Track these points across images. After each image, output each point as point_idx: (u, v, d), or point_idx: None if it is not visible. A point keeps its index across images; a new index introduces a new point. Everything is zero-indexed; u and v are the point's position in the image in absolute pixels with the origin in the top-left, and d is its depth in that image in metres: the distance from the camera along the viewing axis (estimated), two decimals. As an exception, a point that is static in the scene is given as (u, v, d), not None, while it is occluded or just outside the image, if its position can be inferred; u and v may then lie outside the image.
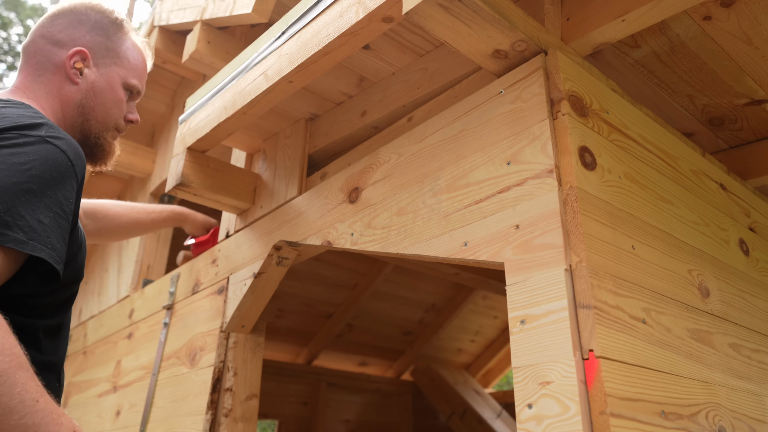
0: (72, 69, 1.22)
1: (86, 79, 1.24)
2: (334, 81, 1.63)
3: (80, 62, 1.23)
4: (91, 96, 1.24)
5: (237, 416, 1.70)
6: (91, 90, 1.24)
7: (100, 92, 1.26)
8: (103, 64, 1.27)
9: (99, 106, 1.26)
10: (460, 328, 4.34)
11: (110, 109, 1.28)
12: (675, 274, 1.13)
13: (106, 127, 1.28)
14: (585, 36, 1.18)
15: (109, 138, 1.30)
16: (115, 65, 1.28)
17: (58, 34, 1.23)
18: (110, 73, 1.27)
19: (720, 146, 1.74)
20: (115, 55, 1.28)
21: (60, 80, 1.22)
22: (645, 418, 0.89)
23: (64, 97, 1.22)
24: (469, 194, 1.14)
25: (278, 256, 1.66)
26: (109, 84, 1.27)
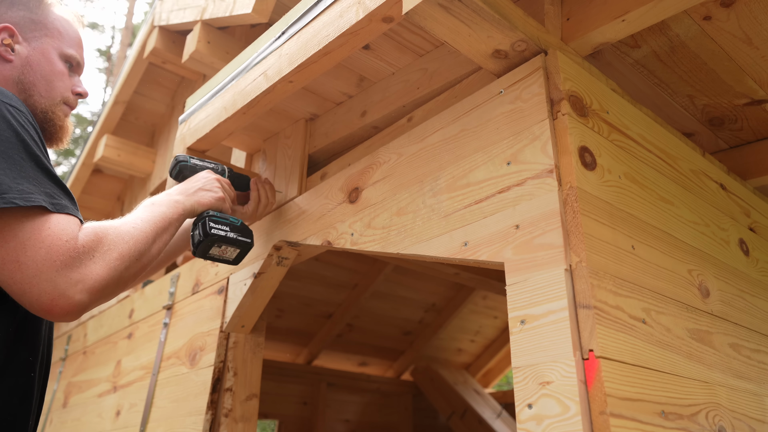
0: (2, 46, 1.18)
1: (19, 55, 1.20)
2: (334, 81, 1.63)
3: (8, 38, 1.19)
4: (29, 71, 1.20)
5: (237, 416, 1.70)
6: (27, 65, 1.20)
7: (37, 65, 1.21)
8: (33, 38, 1.22)
9: (39, 79, 1.21)
10: (460, 328, 4.34)
11: (52, 81, 1.23)
12: (675, 274, 1.13)
13: (53, 101, 1.25)
14: (585, 36, 1.18)
15: (60, 113, 1.27)
16: (46, 37, 1.24)
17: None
18: (43, 46, 1.23)
19: (720, 146, 1.74)
20: (43, 27, 1.24)
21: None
22: (645, 418, 0.89)
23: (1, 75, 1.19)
24: (469, 194, 1.14)
25: (278, 256, 1.66)
26: (44, 56, 1.22)
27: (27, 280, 0.88)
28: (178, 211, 1.25)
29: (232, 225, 1.40)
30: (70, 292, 0.89)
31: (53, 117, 1.24)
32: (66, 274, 0.89)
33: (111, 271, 0.96)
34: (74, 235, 0.92)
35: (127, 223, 1.08)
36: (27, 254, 0.88)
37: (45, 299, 0.88)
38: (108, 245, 0.98)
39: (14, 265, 0.88)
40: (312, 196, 1.60)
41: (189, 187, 1.37)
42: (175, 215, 1.23)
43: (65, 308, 0.89)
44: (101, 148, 3.30)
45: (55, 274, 0.88)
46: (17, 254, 0.88)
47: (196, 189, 1.37)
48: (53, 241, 0.89)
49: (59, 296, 0.88)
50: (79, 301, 0.90)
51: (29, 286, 0.87)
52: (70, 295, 0.89)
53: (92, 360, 2.67)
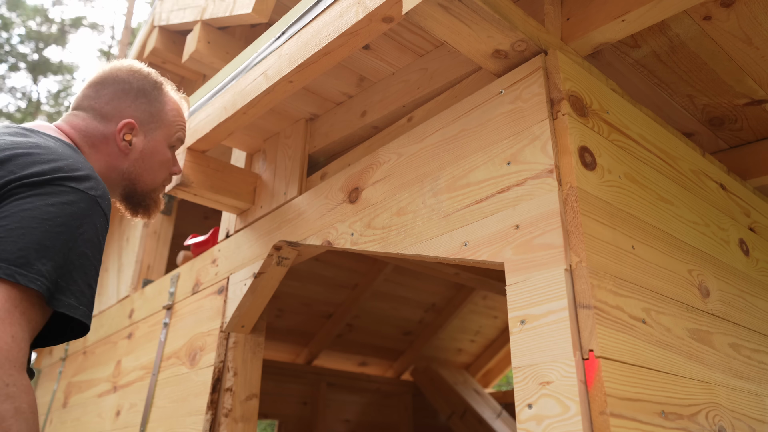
0: (122, 142, 1.23)
1: (135, 149, 1.25)
2: (334, 81, 1.63)
3: (129, 134, 1.24)
4: (140, 163, 1.26)
5: (237, 416, 1.70)
6: (140, 158, 1.26)
7: (149, 158, 1.27)
8: (148, 130, 1.27)
9: (147, 171, 1.27)
10: (460, 328, 4.34)
11: (157, 171, 1.29)
12: (675, 274, 1.13)
13: (153, 188, 1.31)
14: (585, 36, 1.18)
15: (157, 194, 1.33)
16: (159, 129, 1.29)
17: (105, 107, 1.24)
18: (156, 138, 1.28)
19: (720, 146, 1.74)
20: (159, 119, 1.29)
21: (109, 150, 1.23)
22: (645, 418, 0.89)
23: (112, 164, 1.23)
24: (469, 194, 1.14)
25: (278, 256, 1.66)
26: (155, 148, 1.28)
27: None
28: None
29: None
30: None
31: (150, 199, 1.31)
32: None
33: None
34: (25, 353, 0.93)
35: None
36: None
37: None
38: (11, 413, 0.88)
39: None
40: (312, 196, 1.60)
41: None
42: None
43: None
44: (101, 148, 3.29)
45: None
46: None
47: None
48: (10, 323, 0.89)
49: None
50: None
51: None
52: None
53: (92, 360, 2.67)
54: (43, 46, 17.22)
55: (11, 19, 16.31)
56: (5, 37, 16.29)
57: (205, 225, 3.61)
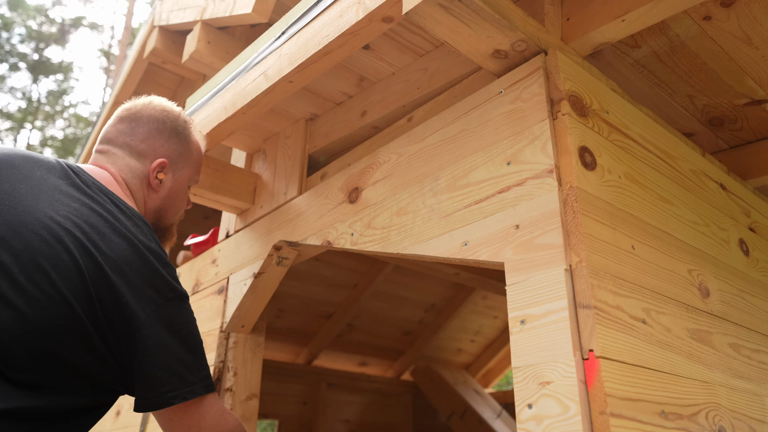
0: (155, 180, 1.26)
1: (164, 186, 1.28)
2: (334, 81, 1.63)
3: (162, 173, 1.28)
4: (168, 200, 1.30)
5: (237, 416, 1.70)
6: (168, 195, 1.29)
7: (175, 195, 1.31)
8: (177, 169, 1.31)
9: (172, 207, 1.31)
10: (460, 328, 4.34)
11: (180, 207, 1.34)
12: (675, 274, 1.13)
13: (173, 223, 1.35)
14: (585, 36, 1.18)
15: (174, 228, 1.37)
16: (186, 168, 1.33)
17: (140, 145, 1.26)
18: (182, 177, 1.32)
19: (720, 146, 1.74)
20: (186, 159, 1.33)
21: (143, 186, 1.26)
22: (645, 418, 0.89)
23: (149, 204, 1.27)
24: (469, 194, 1.14)
25: (278, 256, 1.66)
26: (181, 187, 1.32)
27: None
28: None
29: None
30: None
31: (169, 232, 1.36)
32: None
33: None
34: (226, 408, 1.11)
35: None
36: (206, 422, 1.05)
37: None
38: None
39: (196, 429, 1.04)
40: (312, 196, 1.60)
41: None
42: None
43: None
44: (101, 148, 3.29)
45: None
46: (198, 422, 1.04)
47: None
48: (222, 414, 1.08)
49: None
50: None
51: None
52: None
53: (92, 360, 2.67)
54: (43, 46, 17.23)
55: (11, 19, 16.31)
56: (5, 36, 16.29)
57: (205, 225, 3.61)
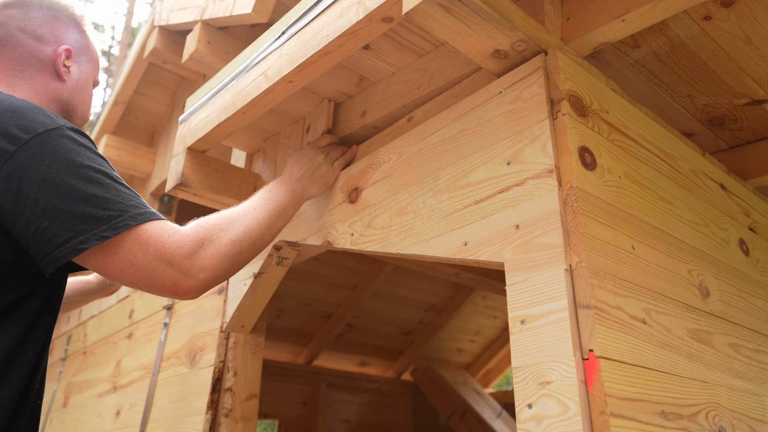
0: (63, 67, 1.20)
1: (72, 77, 1.23)
2: (334, 81, 1.63)
3: (69, 60, 1.22)
4: (76, 93, 1.24)
5: (237, 416, 1.70)
6: (76, 87, 1.24)
7: (83, 89, 1.26)
8: (82, 61, 1.26)
9: (80, 102, 1.26)
10: (460, 328, 4.34)
11: (87, 106, 1.29)
12: (675, 274, 1.13)
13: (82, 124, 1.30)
14: (585, 36, 1.18)
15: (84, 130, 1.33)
16: (89, 62, 1.28)
17: (38, 29, 1.20)
18: (87, 71, 1.27)
19: (720, 146, 1.74)
20: (88, 52, 1.28)
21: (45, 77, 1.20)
22: (645, 418, 0.89)
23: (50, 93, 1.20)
24: (469, 194, 1.14)
25: (278, 256, 1.66)
26: (86, 81, 1.27)
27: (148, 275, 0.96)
28: (294, 200, 1.35)
29: None
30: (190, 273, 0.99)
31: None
32: (180, 260, 0.98)
33: (222, 256, 1.04)
34: (175, 230, 1.00)
35: (238, 210, 1.18)
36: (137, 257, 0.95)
37: (169, 284, 0.97)
38: (216, 233, 1.06)
39: (132, 268, 0.95)
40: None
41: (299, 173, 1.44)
42: (291, 204, 1.34)
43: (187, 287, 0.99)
44: (101, 149, 3.30)
45: (170, 264, 0.97)
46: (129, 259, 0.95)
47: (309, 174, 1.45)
48: (157, 240, 0.97)
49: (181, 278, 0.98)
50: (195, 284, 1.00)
51: (152, 279, 0.96)
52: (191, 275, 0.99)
53: (92, 360, 2.67)
54: (43, 46, 17.20)
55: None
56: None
57: (205, 225, 3.60)
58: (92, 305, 3.01)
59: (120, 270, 0.95)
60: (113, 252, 0.94)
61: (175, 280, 0.97)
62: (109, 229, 0.93)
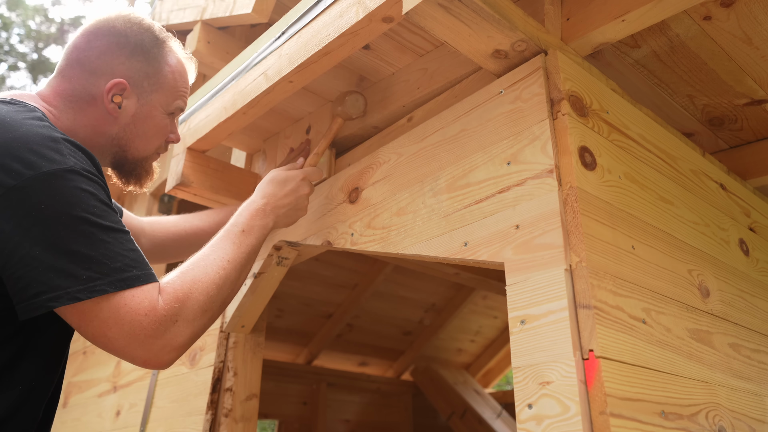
0: (111, 104, 1.12)
1: (125, 112, 1.14)
2: (334, 81, 1.63)
3: (119, 95, 1.13)
4: (131, 128, 1.16)
5: (237, 416, 1.70)
6: (131, 123, 1.16)
7: (141, 123, 1.17)
8: (143, 93, 1.17)
9: (138, 137, 1.18)
10: (460, 328, 4.34)
11: (151, 138, 1.20)
12: (675, 274, 1.13)
13: (145, 156, 1.22)
14: (585, 36, 1.18)
15: (150, 162, 1.24)
16: (156, 92, 1.18)
17: (95, 61, 1.12)
18: (151, 102, 1.18)
19: (720, 146, 1.74)
20: (156, 81, 1.18)
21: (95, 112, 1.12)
22: (645, 418, 0.89)
23: (99, 129, 1.13)
24: (469, 194, 1.14)
25: (278, 256, 1.66)
26: (149, 113, 1.18)
27: (120, 350, 0.94)
28: (264, 236, 1.24)
29: None
30: (159, 355, 0.96)
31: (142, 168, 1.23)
32: (152, 343, 0.94)
33: (195, 328, 1.01)
34: (153, 305, 0.95)
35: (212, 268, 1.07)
36: (112, 331, 0.92)
37: (139, 361, 0.96)
38: (191, 306, 1.00)
39: (105, 339, 0.93)
40: (312, 196, 1.60)
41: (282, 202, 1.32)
42: (261, 243, 1.23)
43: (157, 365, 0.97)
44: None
45: (142, 345, 0.94)
46: (104, 331, 0.92)
47: (288, 208, 1.34)
48: (133, 318, 0.92)
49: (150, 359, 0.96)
50: (169, 360, 0.98)
51: (123, 354, 0.95)
52: (160, 356, 0.96)
53: (92, 360, 2.67)
54: (43, 46, 17.22)
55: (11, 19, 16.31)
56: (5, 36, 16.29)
57: (205, 225, 3.60)
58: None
59: (92, 336, 0.93)
60: (88, 316, 0.91)
61: (145, 359, 0.95)
62: (84, 291, 0.89)
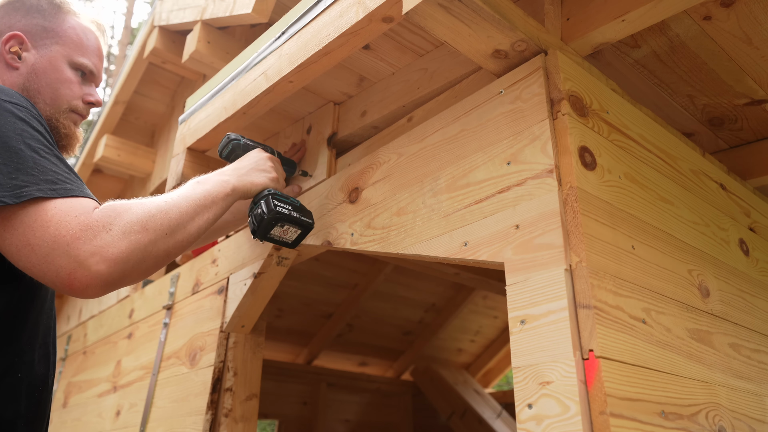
0: (8, 54, 1.18)
1: (25, 63, 1.19)
2: (334, 81, 1.63)
3: (16, 46, 1.19)
4: (34, 78, 1.19)
5: (237, 416, 1.70)
6: (33, 72, 1.19)
7: (43, 73, 1.20)
8: (42, 45, 1.21)
9: (45, 87, 1.20)
10: (460, 328, 4.34)
11: (58, 89, 1.22)
12: (675, 274, 1.13)
13: (58, 109, 1.23)
14: (585, 36, 1.18)
15: (66, 121, 1.24)
16: (56, 44, 1.22)
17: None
18: (51, 53, 1.22)
19: (720, 146, 1.74)
20: (55, 35, 1.23)
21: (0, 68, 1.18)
22: (645, 418, 0.89)
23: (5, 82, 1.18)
24: (469, 194, 1.14)
25: (278, 256, 1.66)
26: (51, 64, 1.21)
27: (42, 260, 0.88)
28: (225, 190, 1.22)
29: (293, 205, 1.36)
30: (87, 264, 0.88)
31: (57, 125, 1.22)
32: (79, 246, 0.88)
33: (132, 243, 0.93)
34: (86, 211, 0.92)
35: (159, 198, 1.06)
36: (36, 236, 0.88)
37: (63, 274, 0.87)
38: (128, 218, 0.95)
39: (27, 249, 0.88)
40: (312, 196, 1.60)
41: (241, 166, 1.35)
42: (221, 194, 1.20)
43: (85, 281, 0.88)
44: (101, 149, 3.30)
45: (67, 248, 0.87)
46: (27, 238, 0.88)
47: (249, 169, 1.35)
48: (61, 219, 0.89)
49: (76, 269, 0.87)
50: (98, 272, 0.89)
51: (46, 265, 0.88)
52: (87, 266, 0.88)
53: (92, 360, 2.67)
54: (43, 46, 17.20)
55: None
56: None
57: (205, 225, 3.60)
58: (92, 305, 3.01)
59: (16, 248, 0.88)
60: (13, 224, 0.88)
61: (69, 270, 0.87)
62: (10, 196, 0.87)
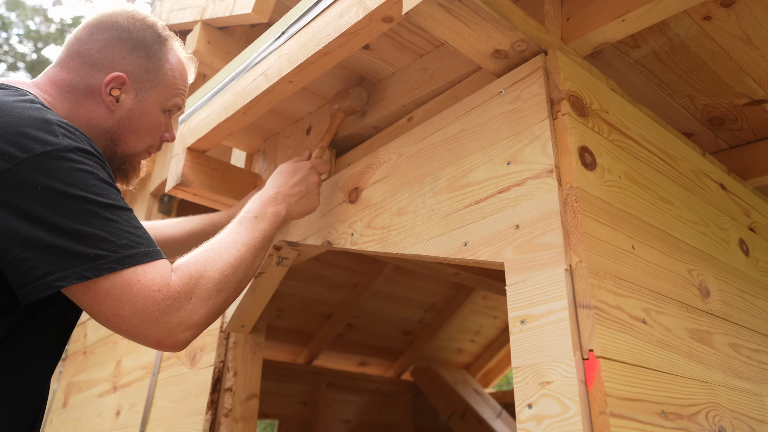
0: (108, 96, 1.13)
1: (122, 106, 1.15)
2: (334, 81, 1.63)
3: (117, 89, 1.14)
4: (125, 124, 1.16)
5: (237, 416, 1.70)
6: (126, 118, 1.16)
7: (137, 119, 1.17)
8: (141, 89, 1.17)
9: (132, 133, 1.18)
10: (460, 328, 4.34)
11: (143, 135, 1.20)
12: (675, 274, 1.13)
13: (136, 152, 1.21)
14: (585, 36, 1.18)
15: (138, 160, 1.24)
16: (154, 89, 1.19)
17: (96, 54, 1.13)
18: (148, 99, 1.18)
19: (720, 146, 1.74)
20: (155, 78, 1.19)
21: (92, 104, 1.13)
22: (645, 418, 0.89)
23: (94, 121, 1.13)
24: (469, 194, 1.14)
25: (278, 256, 1.66)
26: (146, 111, 1.18)
27: (133, 330, 0.92)
28: (277, 223, 1.26)
29: None
30: (174, 333, 0.95)
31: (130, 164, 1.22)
32: (167, 320, 0.93)
33: (211, 307, 1.00)
34: (166, 282, 0.94)
35: (226, 250, 1.09)
36: (125, 309, 0.91)
37: (153, 341, 0.94)
38: (205, 284, 1.00)
39: (117, 318, 0.92)
40: (312, 196, 1.60)
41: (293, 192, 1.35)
42: (274, 230, 1.25)
43: (172, 345, 0.96)
44: (101, 148, 3.29)
45: (156, 323, 0.93)
46: (116, 310, 0.91)
47: (300, 197, 1.36)
48: (147, 294, 0.92)
49: (165, 337, 0.94)
50: (184, 339, 0.96)
51: (137, 333, 0.93)
52: (174, 334, 0.95)
53: (92, 360, 2.67)
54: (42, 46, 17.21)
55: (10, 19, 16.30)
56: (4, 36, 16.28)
57: (205, 225, 3.60)
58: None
59: (105, 317, 0.92)
60: (99, 295, 0.90)
61: (159, 338, 0.93)
62: (92, 269, 0.88)
